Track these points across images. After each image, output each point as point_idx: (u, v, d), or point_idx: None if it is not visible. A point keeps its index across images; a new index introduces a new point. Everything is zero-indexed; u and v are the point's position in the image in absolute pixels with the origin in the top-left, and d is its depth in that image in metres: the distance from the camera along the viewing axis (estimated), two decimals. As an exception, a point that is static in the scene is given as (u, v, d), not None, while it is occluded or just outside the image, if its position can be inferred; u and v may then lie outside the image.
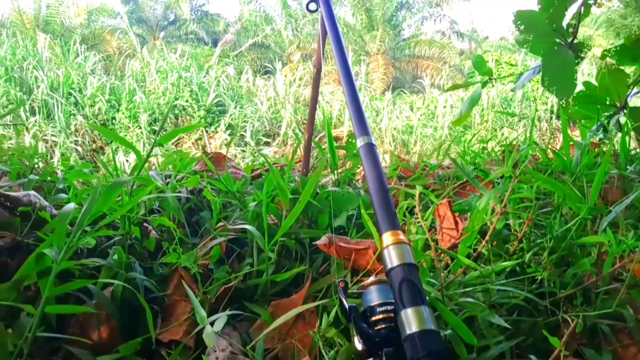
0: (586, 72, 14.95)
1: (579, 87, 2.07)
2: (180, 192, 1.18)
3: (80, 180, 1.39)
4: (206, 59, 15.16)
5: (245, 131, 11.47)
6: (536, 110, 14.56)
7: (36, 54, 11.48)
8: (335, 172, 1.33)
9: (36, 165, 1.29)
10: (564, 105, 2.06)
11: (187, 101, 11.22)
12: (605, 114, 2.18)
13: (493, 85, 16.17)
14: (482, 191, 1.06)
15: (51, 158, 9.70)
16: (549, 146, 2.03)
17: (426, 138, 13.23)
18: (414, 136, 13.19)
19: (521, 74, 2.28)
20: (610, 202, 1.32)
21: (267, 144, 11.78)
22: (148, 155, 0.99)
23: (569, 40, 2.00)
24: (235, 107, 11.77)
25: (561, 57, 1.96)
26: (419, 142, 13.04)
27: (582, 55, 2.06)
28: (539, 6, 2.00)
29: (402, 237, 0.58)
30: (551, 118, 14.86)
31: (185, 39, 20.54)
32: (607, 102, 2.17)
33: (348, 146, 1.56)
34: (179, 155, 1.39)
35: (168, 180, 1.28)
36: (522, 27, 2.05)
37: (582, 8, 1.99)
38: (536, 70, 2.14)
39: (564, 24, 2.03)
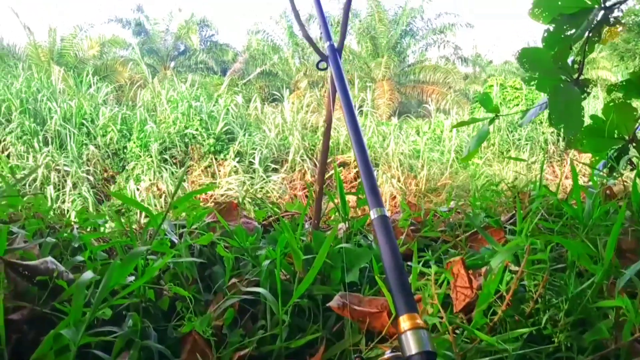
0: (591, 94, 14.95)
1: (587, 119, 2.08)
2: (193, 246, 1.19)
3: (94, 229, 1.39)
4: (215, 88, 15.41)
5: (253, 158, 11.55)
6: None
7: (50, 86, 11.75)
8: (347, 221, 1.33)
9: (51, 220, 1.30)
10: (572, 141, 2.07)
11: (197, 130, 11.36)
12: (614, 147, 2.18)
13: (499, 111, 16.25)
14: (495, 246, 1.05)
15: (63, 187, 9.81)
16: (560, 185, 2.02)
17: (433, 162, 13.22)
18: (421, 160, 13.19)
19: (528, 109, 2.28)
20: (624, 251, 1.30)
21: (275, 170, 11.85)
22: (162, 220, 0.99)
23: (575, 77, 2.02)
24: (244, 135, 11.89)
25: (567, 95, 1.97)
26: (426, 166, 13.02)
27: (588, 90, 2.07)
28: (543, 44, 2.02)
29: (419, 321, 0.58)
30: (558, 140, 14.84)
31: (195, 68, 20.95)
32: (616, 136, 2.17)
33: (359, 192, 1.56)
34: (192, 204, 1.40)
35: (182, 230, 1.29)
36: (527, 65, 2.07)
37: (587, 45, 2.00)
38: (542, 106, 2.15)
39: (569, 60, 2.05)
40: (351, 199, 1.68)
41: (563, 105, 1.92)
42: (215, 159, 11.45)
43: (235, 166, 11.28)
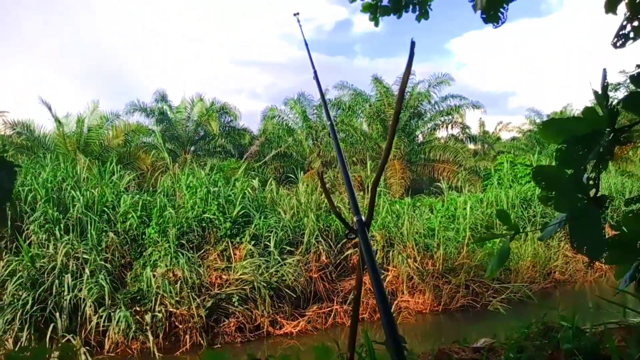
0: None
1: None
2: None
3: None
4: (233, 171, 15.78)
5: (269, 241, 11.52)
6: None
7: (75, 175, 12.16)
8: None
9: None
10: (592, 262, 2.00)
11: (214, 214, 11.48)
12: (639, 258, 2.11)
13: (511, 186, 16.24)
14: None
15: (80, 276, 9.78)
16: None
17: (449, 241, 12.98)
18: (437, 239, 12.96)
19: (546, 224, 2.24)
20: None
21: (290, 252, 11.74)
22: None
23: (592, 194, 1.99)
24: (260, 218, 11.96)
25: (586, 215, 1.93)
26: (442, 245, 12.77)
27: (606, 206, 2.04)
28: (557, 162, 2.02)
29: None
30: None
31: (213, 151, 21.66)
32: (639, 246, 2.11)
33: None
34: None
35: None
36: (543, 183, 2.06)
37: (601, 164, 2.00)
38: (561, 223, 2.10)
39: (584, 177, 2.03)
40: None
41: (583, 226, 1.88)
42: (231, 242, 11.44)
43: (250, 249, 11.23)
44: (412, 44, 1.24)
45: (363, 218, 1.13)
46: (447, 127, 20.66)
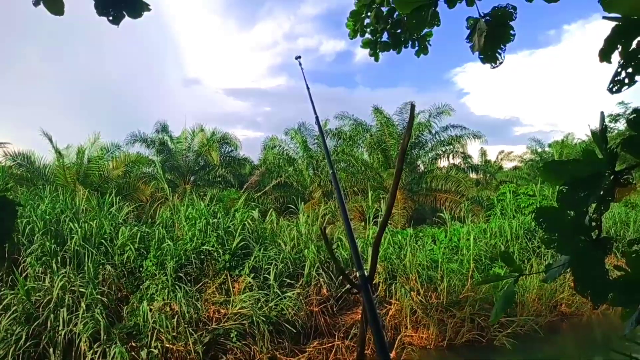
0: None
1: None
2: None
3: None
4: (232, 202, 15.77)
5: (268, 273, 11.39)
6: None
7: (73, 207, 12.16)
8: None
9: None
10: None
11: (213, 246, 11.41)
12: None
13: (514, 216, 16.18)
14: None
15: (76, 310, 9.63)
16: None
17: (453, 273, 12.82)
18: (440, 271, 12.82)
19: (550, 266, 2.22)
20: None
21: (290, 285, 11.58)
22: None
23: (594, 236, 1.98)
24: (259, 250, 11.87)
25: (589, 257, 1.92)
26: (446, 277, 12.61)
27: (609, 248, 2.02)
28: (558, 204, 2.02)
29: None
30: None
31: (213, 181, 21.74)
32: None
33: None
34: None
35: None
36: (545, 225, 2.06)
37: (602, 205, 2.00)
38: (565, 265, 2.08)
39: (586, 219, 2.03)
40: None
41: (586, 269, 1.87)
42: (230, 274, 11.32)
43: (250, 282, 11.09)
44: (412, 107, 1.27)
45: (366, 272, 1.12)
46: (448, 157, 20.78)
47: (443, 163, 21.35)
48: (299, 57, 3.01)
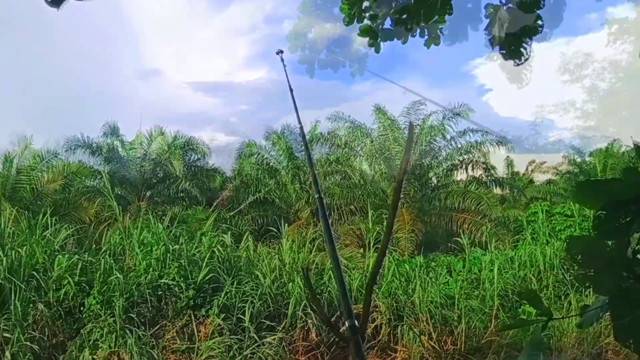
0: None
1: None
2: None
3: None
4: (199, 223, 15.72)
5: (243, 313, 11.33)
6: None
7: (-3, 230, 12.04)
8: None
9: None
10: None
11: (173, 279, 11.34)
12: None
13: (548, 242, 16.28)
14: None
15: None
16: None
17: (473, 312, 12.84)
18: (457, 310, 12.83)
19: (586, 306, 2.25)
20: None
21: (270, 328, 11.51)
22: None
23: (639, 273, 2.01)
24: (232, 284, 11.82)
25: (631, 299, 1.95)
26: (464, 318, 12.62)
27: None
28: (594, 232, 2.04)
29: None
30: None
31: (175, 197, 21.66)
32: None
33: None
34: None
35: None
36: (580, 258, 2.08)
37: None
38: (604, 308, 2.11)
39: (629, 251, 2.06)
40: None
41: (628, 313, 1.89)
42: (195, 315, 11.24)
43: (219, 324, 11.03)
44: (411, 126, 1.29)
45: (357, 323, 1.14)
46: (466, 168, 20.89)
47: (460, 176, 21.46)
48: (281, 51, 3.06)
